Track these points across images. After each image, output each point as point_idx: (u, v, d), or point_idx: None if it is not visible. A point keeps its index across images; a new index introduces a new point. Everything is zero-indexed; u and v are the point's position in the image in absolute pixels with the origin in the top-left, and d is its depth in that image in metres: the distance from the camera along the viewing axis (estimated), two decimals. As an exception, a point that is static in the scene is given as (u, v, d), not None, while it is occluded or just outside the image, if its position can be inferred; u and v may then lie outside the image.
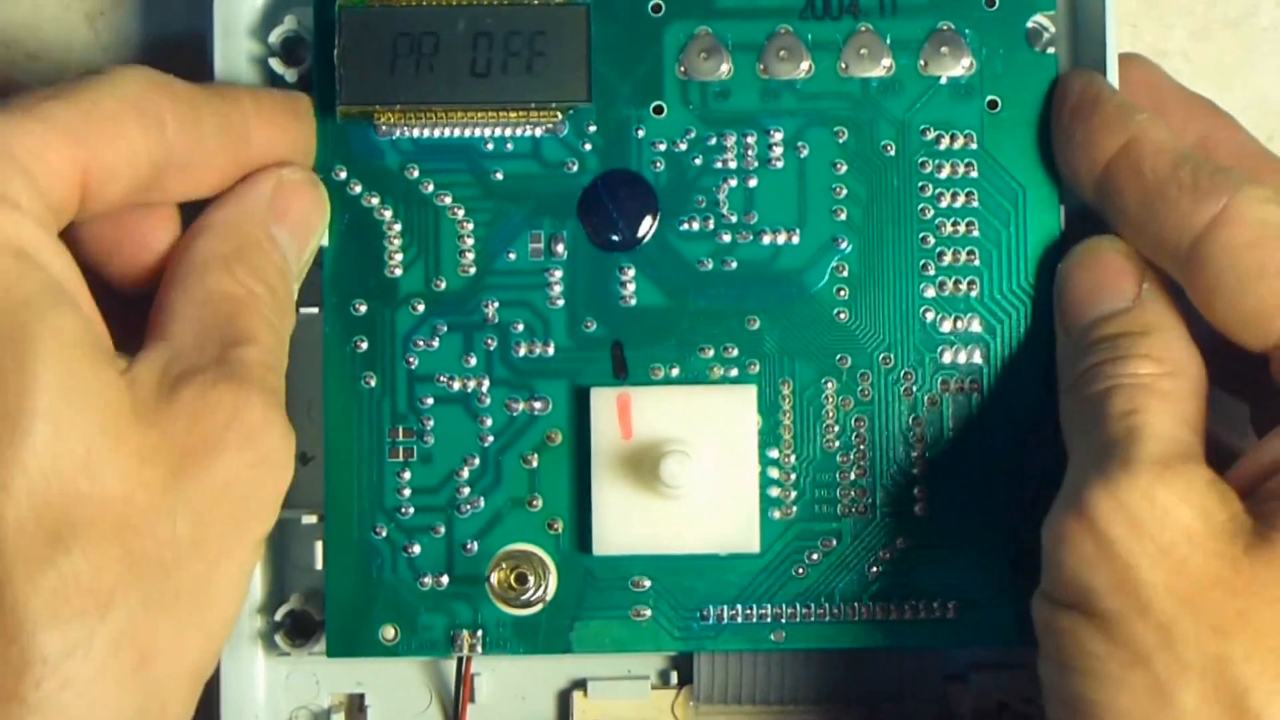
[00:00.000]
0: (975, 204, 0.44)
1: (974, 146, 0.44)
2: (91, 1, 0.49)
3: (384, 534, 0.43)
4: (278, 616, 0.44)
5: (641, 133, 0.44)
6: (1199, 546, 0.36)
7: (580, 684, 0.46)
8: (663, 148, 0.44)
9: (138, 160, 0.38)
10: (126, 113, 0.38)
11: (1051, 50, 0.44)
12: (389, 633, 0.43)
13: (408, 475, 0.43)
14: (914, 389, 0.44)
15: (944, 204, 0.44)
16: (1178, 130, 0.42)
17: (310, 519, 0.44)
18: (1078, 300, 0.42)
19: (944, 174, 0.44)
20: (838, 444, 0.44)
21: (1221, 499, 0.37)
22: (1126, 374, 0.39)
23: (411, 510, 0.43)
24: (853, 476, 0.44)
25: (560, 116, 0.43)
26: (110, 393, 0.36)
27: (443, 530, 0.43)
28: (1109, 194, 0.41)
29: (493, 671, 0.46)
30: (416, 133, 0.44)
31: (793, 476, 0.43)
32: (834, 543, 0.43)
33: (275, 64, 0.45)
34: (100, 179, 0.37)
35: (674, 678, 0.46)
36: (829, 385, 0.44)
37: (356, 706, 0.46)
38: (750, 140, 0.44)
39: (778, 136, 0.44)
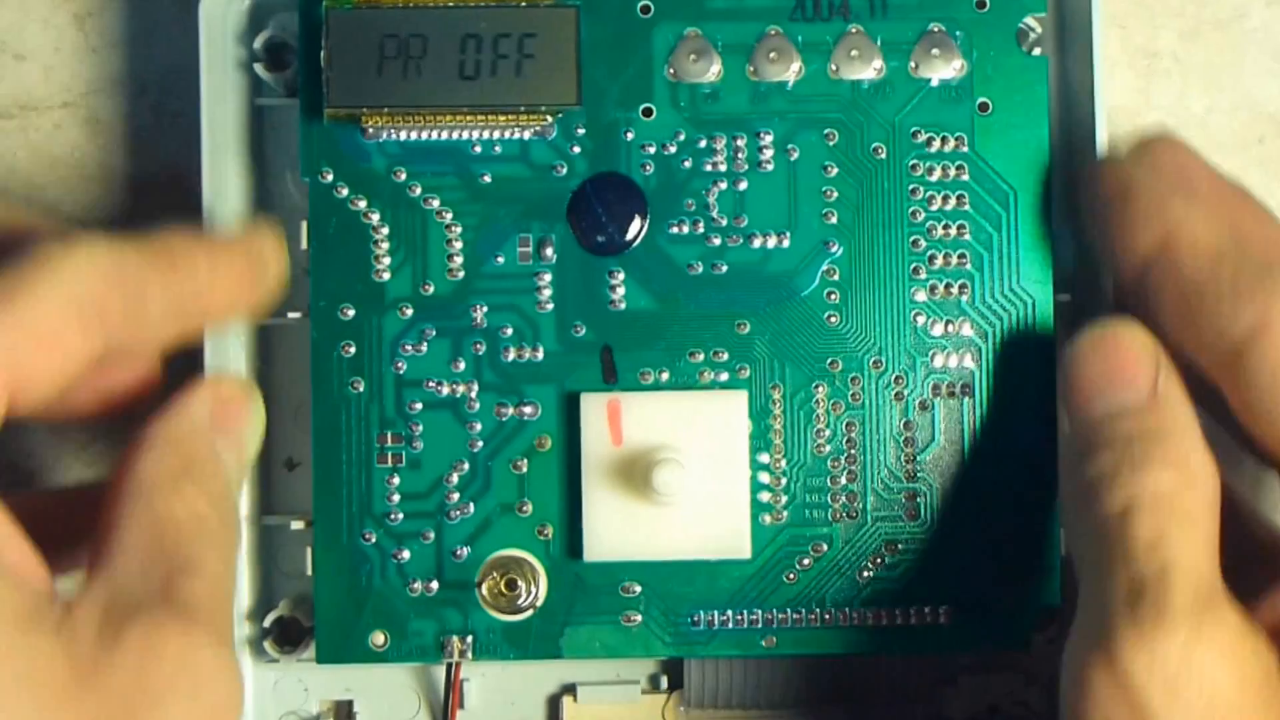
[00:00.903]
0: (966, 207, 0.44)
1: (965, 149, 0.44)
2: (80, 3, 0.49)
3: (373, 540, 0.43)
4: (266, 623, 0.44)
5: (630, 135, 0.44)
6: (1236, 711, 0.35)
7: (570, 689, 0.45)
8: (652, 150, 0.44)
9: (70, 364, 0.37)
10: (63, 316, 0.37)
11: (1039, 52, 0.44)
12: (379, 639, 0.43)
13: (396, 481, 0.43)
14: (905, 393, 0.43)
15: (935, 207, 0.44)
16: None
17: (298, 525, 0.44)
18: (1087, 387, 0.39)
19: (935, 177, 0.44)
20: (828, 449, 0.43)
21: (1255, 653, 0.36)
22: (1147, 487, 0.37)
23: (400, 516, 0.43)
24: (843, 481, 0.43)
25: (549, 119, 0.43)
26: (46, 665, 0.35)
27: (432, 536, 0.43)
28: (1148, 290, 0.40)
29: (482, 677, 0.46)
30: (404, 135, 0.43)
31: (783, 481, 0.43)
32: (825, 548, 0.43)
33: (260, 69, 0.44)
34: (27, 389, 0.37)
35: (664, 682, 0.45)
36: (819, 389, 0.43)
37: (345, 713, 0.46)
38: (740, 143, 0.44)
39: (768, 139, 0.44)
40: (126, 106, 0.49)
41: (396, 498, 0.43)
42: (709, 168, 0.44)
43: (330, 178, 0.43)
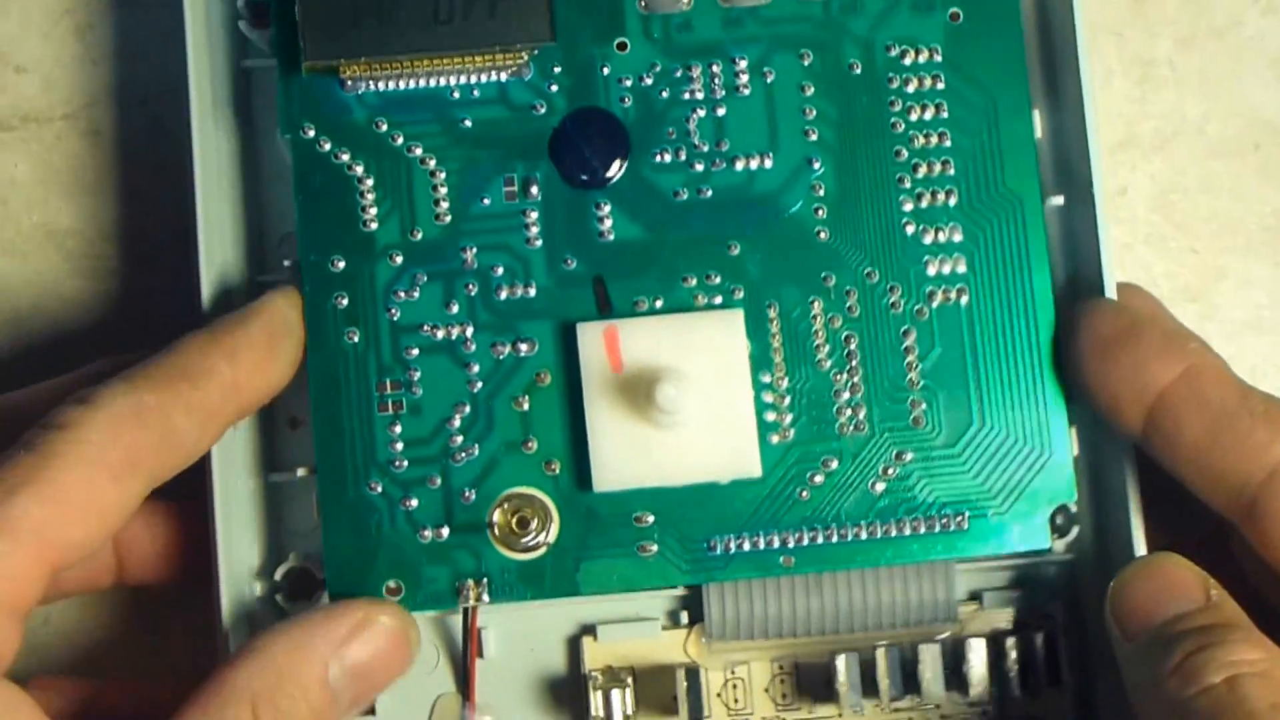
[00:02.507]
0: (945, 115, 0.44)
1: (939, 59, 0.44)
2: (81, 14, 0.49)
3: (379, 489, 0.43)
4: (277, 576, 0.44)
5: (607, 70, 0.44)
6: None
7: (589, 630, 0.45)
8: (629, 83, 0.44)
9: (111, 518, 0.38)
10: (93, 478, 0.37)
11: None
12: (392, 588, 0.42)
13: (398, 428, 0.43)
14: (901, 302, 0.43)
15: (914, 117, 0.44)
16: None
17: (302, 471, 0.44)
18: (1141, 607, 0.40)
19: (912, 88, 0.44)
20: (830, 363, 0.43)
21: None
22: (1245, 660, 0.37)
23: (405, 463, 0.43)
24: (847, 395, 0.43)
25: (525, 58, 0.43)
26: None
27: (439, 481, 0.43)
28: (1163, 423, 0.40)
29: (500, 625, 0.45)
30: (382, 85, 0.43)
31: (787, 399, 0.43)
32: (835, 463, 0.43)
33: (244, 26, 0.44)
34: (71, 555, 0.37)
35: (684, 617, 0.45)
36: (815, 305, 0.43)
37: (363, 671, 0.45)
38: (716, 69, 0.44)
39: (743, 64, 0.44)
40: (127, 119, 0.49)
41: (400, 445, 0.43)
42: (687, 96, 0.44)
43: (312, 133, 0.43)
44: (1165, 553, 0.41)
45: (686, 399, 0.41)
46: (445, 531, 0.42)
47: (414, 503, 0.43)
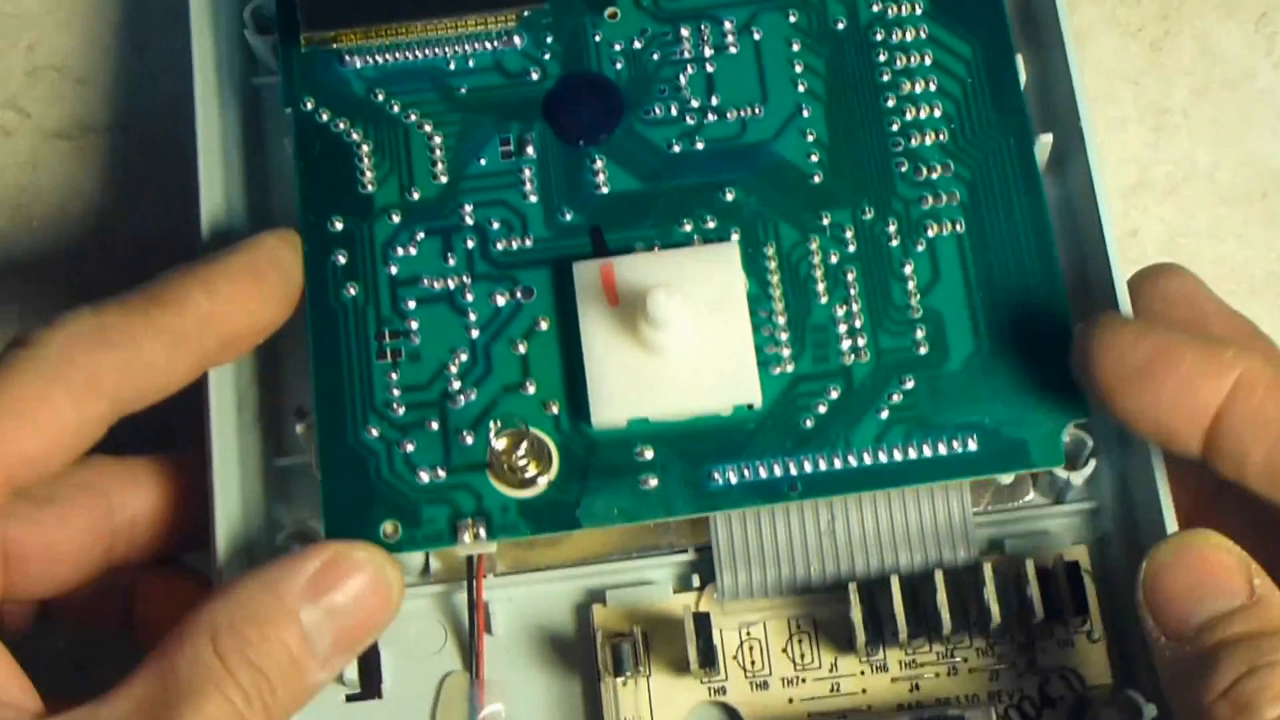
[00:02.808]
0: (929, 62, 0.44)
1: (919, 11, 0.45)
2: (140, 31, 0.51)
3: (376, 434, 0.42)
4: (279, 540, 0.43)
5: (598, 37, 0.45)
6: None
7: (598, 596, 0.43)
8: (620, 48, 0.45)
9: (68, 434, 0.38)
10: (51, 393, 0.38)
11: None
12: (389, 528, 0.41)
13: (396, 375, 0.42)
14: (900, 236, 0.43)
15: (901, 65, 0.44)
16: None
17: (300, 427, 0.43)
18: (1177, 600, 0.37)
19: (896, 39, 0.45)
20: (829, 297, 0.43)
21: None
22: None
23: (403, 409, 0.42)
24: (848, 326, 0.42)
25: (515, 21, 0.44)
26: None
27: (435, 425, 0.42)
28: (1225, 445, 0.38)
29: (508, 600, 0.43)
30: (379, 59, 0.45)
31: (786, 334, 0.42)
32: (839, 391, 0.42)
33: (249, 35, 0.46)
34: (24, 472, 0.38)
35: (695, 580, 0.43)
36: (813, 243, 0.43)
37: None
38: (705, 30, 0.45)
39: (730, 25, 0.45)
40: (181, 131, 0.50)
41: (397, 391, 0.42)
42: (677, 57, 0.45)
43: (311, 105, 0.45)
44: (1202, 532, 0.38)
45: (680, 315, 0.40)
46: (442, 474, 0.42)
47: (410, 446, 0.42)
